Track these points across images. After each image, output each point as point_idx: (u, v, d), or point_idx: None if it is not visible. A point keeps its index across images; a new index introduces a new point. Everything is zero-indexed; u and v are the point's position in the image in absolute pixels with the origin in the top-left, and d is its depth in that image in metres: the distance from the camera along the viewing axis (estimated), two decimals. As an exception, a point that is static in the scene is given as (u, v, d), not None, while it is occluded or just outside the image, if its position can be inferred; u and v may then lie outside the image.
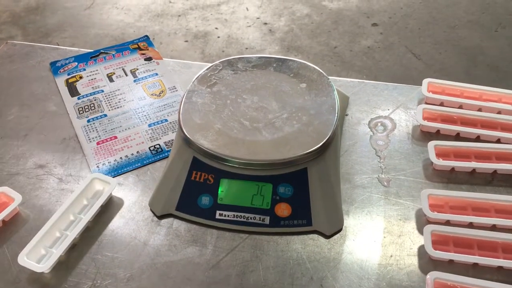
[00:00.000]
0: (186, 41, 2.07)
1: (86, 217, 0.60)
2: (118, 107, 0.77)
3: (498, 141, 0.69)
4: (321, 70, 0.70)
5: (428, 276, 0.54)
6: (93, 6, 2.28)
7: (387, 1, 2.27)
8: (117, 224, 0.62)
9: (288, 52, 2.00)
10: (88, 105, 0.77)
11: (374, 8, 2.23)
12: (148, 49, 0.88)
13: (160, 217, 0.62)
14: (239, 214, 0.60)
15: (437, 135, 0.71)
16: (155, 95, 0.79)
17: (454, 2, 2.24)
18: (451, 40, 2.03)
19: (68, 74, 0.83)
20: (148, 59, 0.86)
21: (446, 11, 2.20)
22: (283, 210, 0.60)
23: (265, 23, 2.16)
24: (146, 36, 0.92)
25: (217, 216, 0.61)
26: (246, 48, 2.03)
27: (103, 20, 2.20)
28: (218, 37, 2.09)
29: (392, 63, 1.93)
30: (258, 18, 2.19)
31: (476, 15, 2.16)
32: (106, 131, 0.73)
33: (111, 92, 0.80)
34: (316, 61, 1.94)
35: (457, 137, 0.70)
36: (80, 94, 0.79)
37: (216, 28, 2.14)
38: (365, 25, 2.13)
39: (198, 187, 0.61)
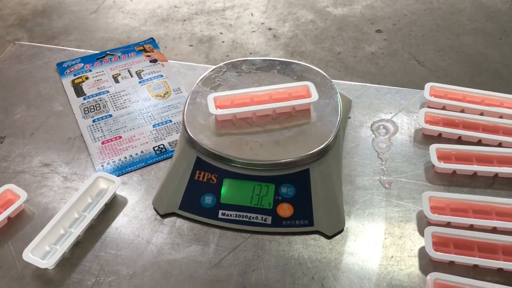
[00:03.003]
0: (191, 45, 2.09)
1: (90, 215, 0.61)
2: (123, 108, 0.78)
3: (500, 145, 0.70)
4: (324, 73, 0.71)
5: (428, 277, 0.54)
6: (99, 10, 2.30)
7: (391, 7, 2.28)
8: (121, 222, 0.63)
9: (292, 57, 2.01)
10: (93, 105, 0.78)
11: (378, 14, 2.24)
12: (153, 51, 0.89)
13: (164, 216, 0.63)
14: (241, 213, 0.61)
15: (439, 138, 0.71)
16: (160, 96, 0.80)
17: (458, 9, 2.25)
18: (455, 47, 2.04)
19: (75, 75, 0.84)
20: (154, 61, 0.87)
21: (450, 18, 2.21)
22: (285, 210, 0.61)
23: (270, 29, 2.17)
24: (152, 38, 0.93)
25: (220, 216, 0.61)
26: (250, 53, 2.04)
27: (109, 24, 2.22)
28: (223, 41, 2.10)
29: (395, 69, 1.94)
30: (262, 23, 2.20)
31: (480, 23, 2.17)
32: (111, 131, 0.74)
33: (116, 93, 0.80)
34: (320, 67, 1.93)
35: (459, 140, 0.71)
36: (86, 94, 0.80)
37: (221, 33, 2.15)
38: (369, 32, 2.14)
39: (201, 186, 0.62)
